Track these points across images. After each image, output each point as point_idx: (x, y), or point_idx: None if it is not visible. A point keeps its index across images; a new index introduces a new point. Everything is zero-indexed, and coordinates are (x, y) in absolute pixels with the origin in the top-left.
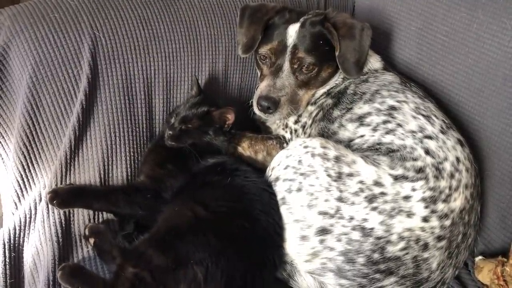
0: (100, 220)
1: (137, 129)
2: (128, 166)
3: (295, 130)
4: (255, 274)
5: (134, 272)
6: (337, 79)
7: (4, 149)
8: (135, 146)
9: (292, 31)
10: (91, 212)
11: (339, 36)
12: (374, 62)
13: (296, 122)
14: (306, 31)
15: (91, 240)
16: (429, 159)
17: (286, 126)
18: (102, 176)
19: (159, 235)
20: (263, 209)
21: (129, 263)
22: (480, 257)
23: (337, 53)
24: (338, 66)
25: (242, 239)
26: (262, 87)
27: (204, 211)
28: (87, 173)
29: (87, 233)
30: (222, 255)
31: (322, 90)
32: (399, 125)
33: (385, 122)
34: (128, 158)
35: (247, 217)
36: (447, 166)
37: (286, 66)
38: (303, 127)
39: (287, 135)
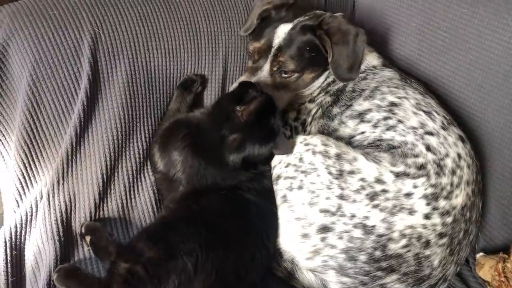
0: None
1: (138, 124)
2: (133, 162)
3: (295, 128)
4: (247, 264)
5: (126, 267)
6: (323, 80)
7: (5, 147)
8: (136, 142)
9: (281, 32)
10: (92, 209)
11: (332, 43)
12: (372, 59)
13: (295, 119)
14: (295, 35)
15: (87, 238)
16: (430, 156)
17: (286, 123)
18: (104, 172)
19: (150, 227)
20: (257, 212)
21: (121, 259)
22: (481, 253)
23: (329, 60)
24: (323, 71)
25: (233, 234)
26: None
27: (198, 207)
28: (89, 170)
29: (83, 231)
30: (212, 245)
31: (307, 92)
32: (400, 121)
33: (385, 118)
34: (130, 154)
35: (239, 217)
36: (449, 163)
37: (266, 66)
38: (303, 124)
39: (287, 133)
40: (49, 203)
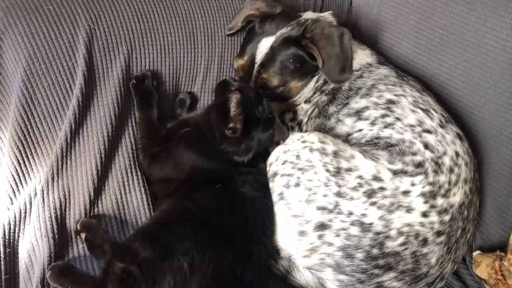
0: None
1: (131, 121)
2: (126, 158)
3: (291, 128)
4: (244, 263)
5: (122, 267)
6: (314, 85)
7: None
8: (129, 138)
9: (263, 47)
10: (87, 206)
11: (320, 50)
12: (365, 57)
13: (292, 119)
14: (277, 49)
15: (83, 235)
16: (428, 154)
17: (283, 123)
18: (98, 169)
19: (146, 227)
20: (252, 208)
21: (117, 258)
22: (478, 251)
23: (320, 66)
24: (311, 77)
25: (229, 231)
26: None
27: (193, 206)
28: (83, 166)
29: (78, 227)
30: (208, 244)
31: (299, 99)
32: (398, 119)
33: (383, 116)
34: (123, 150)
35: (235, 213)
36: (447, 161)
37: (251, 84)
38: (299, 124)
39: None
40: (43, 200)
